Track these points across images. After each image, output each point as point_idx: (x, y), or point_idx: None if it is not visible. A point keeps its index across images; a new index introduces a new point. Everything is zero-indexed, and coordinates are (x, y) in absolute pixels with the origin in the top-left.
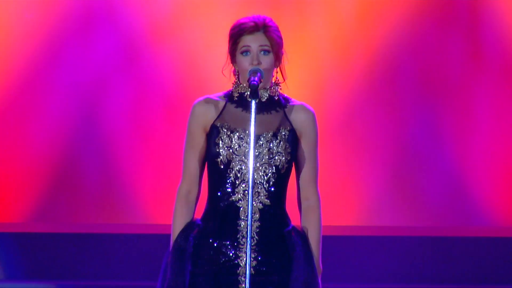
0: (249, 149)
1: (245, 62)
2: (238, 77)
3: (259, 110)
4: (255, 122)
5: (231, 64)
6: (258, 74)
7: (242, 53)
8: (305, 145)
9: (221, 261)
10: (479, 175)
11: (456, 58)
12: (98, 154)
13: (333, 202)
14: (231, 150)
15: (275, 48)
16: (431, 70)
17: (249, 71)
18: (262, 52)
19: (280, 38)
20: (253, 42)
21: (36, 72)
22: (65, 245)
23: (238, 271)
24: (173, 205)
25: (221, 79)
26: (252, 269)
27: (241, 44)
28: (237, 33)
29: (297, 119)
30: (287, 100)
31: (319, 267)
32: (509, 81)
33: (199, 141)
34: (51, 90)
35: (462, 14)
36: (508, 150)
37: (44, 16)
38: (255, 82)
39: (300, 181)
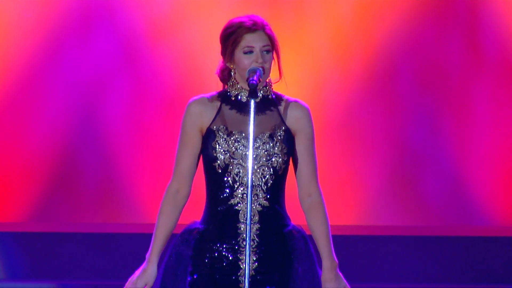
0: (247, 151)
1: (248, 61)
2: (234, 77)
3: (254, 110)
4: (250, 123)
5: (225, 64)
6: (257, 73)
7: (245, 52)
8: (302, 142)
9: (222, 265)
10: (478, 174)
11: (456, 58)
12: (98, 154)
13: (332, 202)
14: (228, 154)
15: (275, 47)
16: (431, 69)
17: (248, 70)
18: (264, 52)
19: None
20: (256, 41)
21: (35, 72)
22: (65, 245)
23: (239, 273)
24: None
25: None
26: (253, 271)
27: (243, 43)
28: (237, 32)
29: (292, 116)
30: (280, 98)
31: (334, 260)
32: (509, 80)
33: (194, 140)
34: (50, 89)
35: (462, 14)
36: (508, 149)
37: (42, 15)
38: (254, 82)
39: (301, 178)
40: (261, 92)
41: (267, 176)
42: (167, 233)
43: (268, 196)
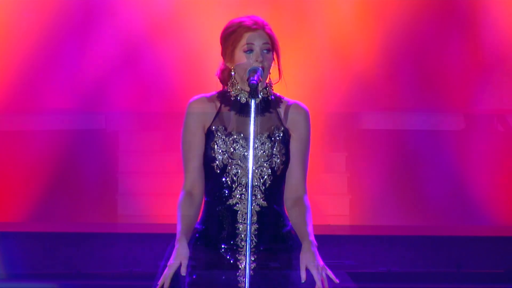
0: (245, 152)
1: (248, 60)
2: (234, 77)
3: (254, 112)
4: (250, 124)
5: (225, 65)
6: (258, 72)
7: (245, 51)
8: (296, 142)
9: (221, 265)
10: (479, 174)
11: (456, 58)
12: (98, 154)
13: (332, 201)
14: (227, 155)
15: (275, 46)
16: (431, 69)
17: (249, 70)
18: (264, 51)
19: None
20: (256, 39)
21: (36, 71)
22: (65, 245)
23: (237, 274)
24: (173, 203)
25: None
26: (251, 271)
27: (243, 41)
28: (237, 31)
29: (290, 117)
30: (280, 99)
31: (313, 240)
32: (509, 80)
33: (199, 139)
34: (50, 90)
35: (462, 14)
36: (508, 149)
37: (43, 15)
38: (254, 81)
39: (290, 179)
40: (261, 93)
41: (265, 177)
42: (189, 221)
43: (266, 197)
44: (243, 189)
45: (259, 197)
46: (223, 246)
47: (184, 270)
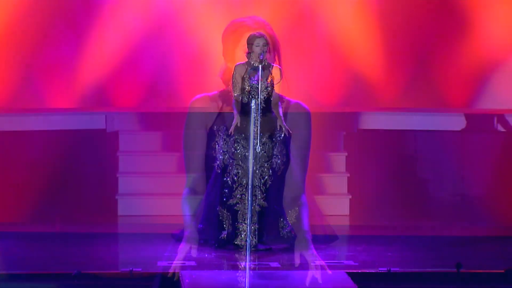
0: (246, 152)
1: (249, 60)
2: (235, 77)
3: (255, 112)
4: (251, 124)
5: (226, 64)
6: (258, 72)
7: (245, 51)
8: (297, 142)
9: (221, 264)
10: (479, 174)
11: (456, 58)
12: (98, 154)
13: (332, 202)
14: (228, 155)
15: (276, 47)
16: (431, 69)
17: (249, 70)
18: (265, 51)
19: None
20: (257, 40)
21: (36, 71)
22: (65, 245)
23: (237, 273)
24: (174, 204)
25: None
26: (251, 271)
27: (244, 42)
28: (239, 31)
29: (291, 117)
30: (282, 99)
31: (308, 232)
32: (509, 80)
33: (201, 137)
34: (50, 90)
35: (462, 14)
36: (509, 149)
37: (43, 14)
38: (255, 81)
39: (289, 178)
40: (262, 93)
41: (266, 177)
42: (194, 214)
43: (267, 197)
44: (244, 189)
45: (259, 197)
46: (223, 245)
47: (194, 252)
